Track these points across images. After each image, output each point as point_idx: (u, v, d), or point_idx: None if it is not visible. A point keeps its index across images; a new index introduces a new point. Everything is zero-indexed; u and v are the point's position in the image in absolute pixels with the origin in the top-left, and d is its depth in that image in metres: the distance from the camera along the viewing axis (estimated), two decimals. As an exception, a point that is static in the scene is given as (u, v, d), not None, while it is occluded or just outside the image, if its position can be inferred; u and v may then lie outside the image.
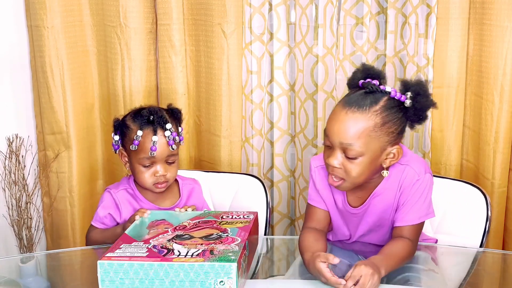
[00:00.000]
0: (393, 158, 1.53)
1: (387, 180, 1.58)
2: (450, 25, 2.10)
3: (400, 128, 1.51)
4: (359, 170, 1.50)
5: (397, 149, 1.52)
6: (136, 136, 1.69)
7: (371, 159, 1.49)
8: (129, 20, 2.23)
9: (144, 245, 1.40)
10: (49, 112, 2.30)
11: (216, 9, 2.20)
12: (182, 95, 2.32)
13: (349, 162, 1.49)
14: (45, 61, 2.25)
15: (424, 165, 1.60)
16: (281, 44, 2.30)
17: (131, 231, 1.52)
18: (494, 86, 2.06)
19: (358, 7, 2.20)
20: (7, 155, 2.33)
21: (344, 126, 1.47)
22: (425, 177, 1.57)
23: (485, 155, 2.13)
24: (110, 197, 1.78)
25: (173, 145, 1.71)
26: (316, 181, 1.66)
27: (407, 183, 1.56)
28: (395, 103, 1.49)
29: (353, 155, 1.48)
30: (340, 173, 1.51)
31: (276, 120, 2.38)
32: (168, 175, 1.74)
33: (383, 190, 1.59)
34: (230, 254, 1.34)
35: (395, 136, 1.51)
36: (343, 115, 1.48)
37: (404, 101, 1.49)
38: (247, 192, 1.98)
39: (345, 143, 1.47)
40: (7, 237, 2.43)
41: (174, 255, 1.35)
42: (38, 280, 1.61)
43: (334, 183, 1.55)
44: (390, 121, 1.48)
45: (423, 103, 1.50)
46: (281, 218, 2.47)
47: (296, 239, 1.65)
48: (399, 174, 1.57)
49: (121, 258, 1.34)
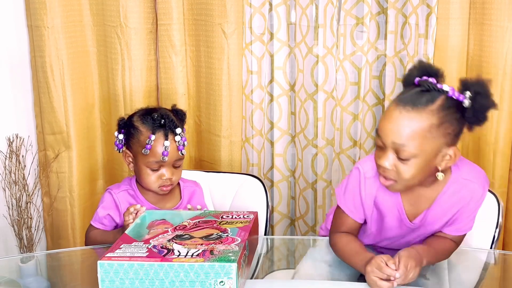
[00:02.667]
0: (450, 160, 1.44)
1: (447, 192, 1.51)
2: (450, 25, 2.10)
3: (457, 130, 1.43)
4: (412, 172, 1.42)
5: (454, 150, 1.43)
6: (149, 140, 1.68)
7: (426, 161, 1.41)
8: (129, 20, 2.23)
9: (144, 245, 1.40)
10: (49, 112, 2.30)
11: (216, 9, 2.20)
12: (182, 95, 2.32)
13: (402, 164, 1.41)
14: (45, 61, 2.25)
15: (486, 178, 1.55)
16: (281, 44, 2.30)
17: (131, 231, 1.51)
18: (494, 86, 2.06)
19: (358, 7, 2.20)
20: (7, 155, 2.33)
21: (398, 126, 1.39)
22: (486, 192, 1.55)
23: (485, 155, 2.13)
24: (111, 197, 1.78)
25: (182, 150, 1.70)
26: (365, 194, 1.55)
27: (473, 200, 1.52)
28: (453, 103, 1.40)
29: (406, 156, 1.40)
30: (391, 174, 1.44)
31: (276, 120, 2.38)
32: (173, 178, 1.74)
33: (443, 203, 1.53)
34: (230, 254, 1.34)
35: (452, 137, 1.42)
36: (397, 114, 1.40)
37: (463, 101, 1.40)
38: (247, 192, 1.97)
39: (398, 143, 1.39)
40: (7, 237, 2.43)
41: (174, 255, 1.35)
42: (38, 280, 1.61)
43: (386, 182, 1.47)
44: (447, 122, 1.40)
45: (483, 103, 1.40)
46: (281, 218, 2.47)
47: (296, 239, 1.66)
48: (463, 189, 1.51)
49: (121, 258, 1.33)
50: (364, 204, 1.56)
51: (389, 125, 1.41)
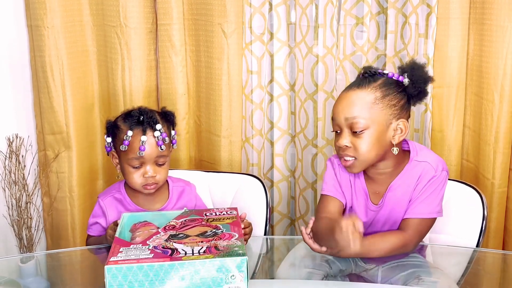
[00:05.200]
0: (401, 133, 1.57)
1: (403, 175, 1.61)
2: (450, 25, 2.10)
3: (402, 102, 1.57)
4: (368, 144, 1.55)
5: (403, 122, 1.57)
6: (126, 136, 1.68)
7: (378, 132, 1.55)
8: (129, 20, 2.23)
9: (144, 247, 1.39)
10: (49, 112, 2.30)
11: (216, 9, 2.20)
12: (182, 95, 2.32)
13: (357, 138, 1.55)
14: (45, 61, 2.24)
15: (442, 162, 1.62)
16: (281, 44, 2.30)
17: (120, 235, 1.50)
18: (494, 86, 2.06)
19: (358, 7, 2.20)
20: (7, 155, 2.33)
21: (347, 102, 1.56)
22: (442, 174, 1.59)
23: (485, 155, 2.13)
24: (98, 205, 1.79)
25: (162, 145, 1.69)
26: (340, 177, 1.68)
27: (424, 179, 1.59)
28: (394, 81, 1.58)
29: (359, 128, 1.54)
30: (350, 151, 1.57)
31: (276, 120, 2.38)
32: (157, 176, 1.72)
33: (399, 185, 1.61)
34: (236, 249, 1.35)
35: (398, 109, 1.56)
36: (344, 94, 1.59)
37: (402, 81, 1.58)
38: (247, 192, 1.97)
39: (350, 117, 1.54)
40: (7, 237, 2.43)
41: (181, 254, 1.35)
42: (38, 280, 1.61)
43: (347, 163, 1.59)
44: (390, 94, 1.55)
45: (419, 75, 1.58)
46: (281, 218, 2.47)
47: (296, 239, 1.65)
48: (417, 170, 1.60)
49: (129, 261, 1.32)
50: (342, 186, 1.68)
51: (340, 105, 1.58)
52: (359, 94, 1.55)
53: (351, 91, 1.57)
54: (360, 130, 1.54)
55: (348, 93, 1.57)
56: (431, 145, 2.21)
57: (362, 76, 1.61)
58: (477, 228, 1.75)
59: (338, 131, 1.59)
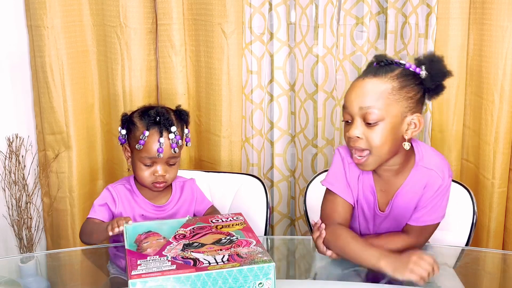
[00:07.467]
0: (415, 128, 1.49)
1: (410, 181, 1.56)
2: (450, 25, 2.10)
3: (418, 95, 1.49)
4: (381, 137, 1.46)
5: (418, 117, 1.49)
6: (142, 136, 1.72)
7: (392, 125, 1.46)
8: (129, 20, 2.23)
9: (162, 259, 1.33)
10: (49, 112, 2.30)
11: (216, 9, 2.20)
12: (182, 95, 2.32)
13: (370, 130, 1.46)
14: (45, 61, 2.25)
15: (447, 166, 1.58)
16: (281, 44, 2.30)
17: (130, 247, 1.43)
18: (494, 86, 2.06)
19: (358, 7, 2.20)
20: (7, 155, 2.33)
21: (362, 91, 1.47)
22: (448, 181, 1.56)
23: (485, 155, 2.13)
24: (107, 191, 1.81)
25: (175, 148, 1.73)
26: (347, 170, 1.60)
27: (430, 189, 1.55)
28: (411, 73, 1.49)
29: (373, 119, 1.45)
30: (362, 143, 1.48)
31: (276, 120, 2.38)
32: (167, 176, 1.76)
33: (406, 191, 1.57)
34: (260, 255, 1.31)
35: (414, 103, 1.48)
36: (360, 82, 1.48)
37: (420, 73, 1.49)
38: (247, 192, 1.97)
39: (364, 107, 1.46)
40: (7, 237, 2.43)
41: (204, 264, 1.30)
42: (38, 280, 1.61)
43: (360, 160, 1.51)
44: (408, 86, 1.47)
45: (438, 69, 1.50)
46: (281, 218, 2.47)
47: (296, 238, 1.65)
48: (423, 177, 1.55)
49: (152, 274, 1.26)
50: (350, 184, 1.60)
51: (354, 93, 1.49)
52: (376, 83, 1.46)
53: (367, 79, 1.47)
54: (374, 122, 1.45)
55: (364, 81, 1.47)
56: (431, 145, 2.21)
57: (377, 64, 1.52)
58: (468, 223, 1.76)
59: (349, 121, 1.50)
